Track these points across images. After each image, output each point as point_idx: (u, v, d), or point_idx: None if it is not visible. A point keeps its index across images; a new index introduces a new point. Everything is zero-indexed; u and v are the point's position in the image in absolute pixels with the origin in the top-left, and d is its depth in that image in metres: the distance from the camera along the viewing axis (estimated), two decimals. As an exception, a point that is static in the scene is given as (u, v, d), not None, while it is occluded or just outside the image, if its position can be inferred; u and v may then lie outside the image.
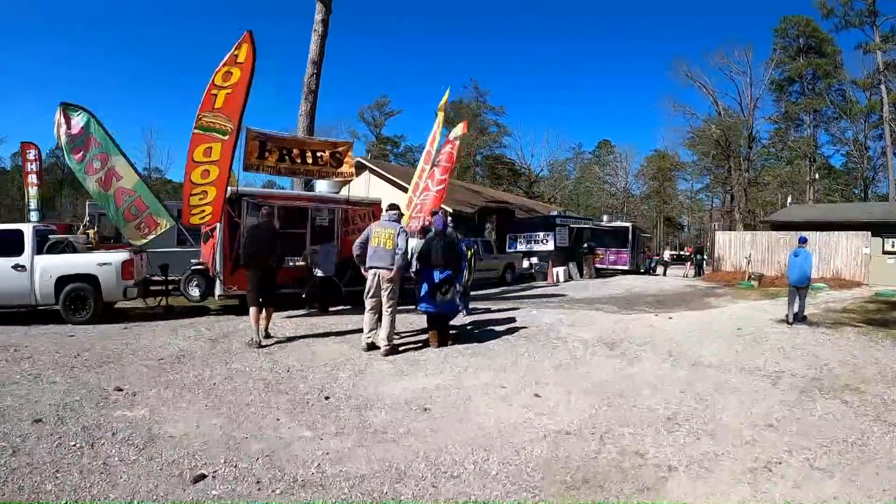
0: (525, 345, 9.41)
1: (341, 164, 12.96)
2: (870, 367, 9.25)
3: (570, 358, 8.76)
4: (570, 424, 5.66)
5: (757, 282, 24.10)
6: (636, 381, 7.53)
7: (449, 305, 8.95)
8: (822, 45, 58.58)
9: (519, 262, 25.03)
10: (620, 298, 18.01)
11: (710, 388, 7.34)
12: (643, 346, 9.79)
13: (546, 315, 12.90)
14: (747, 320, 13.40)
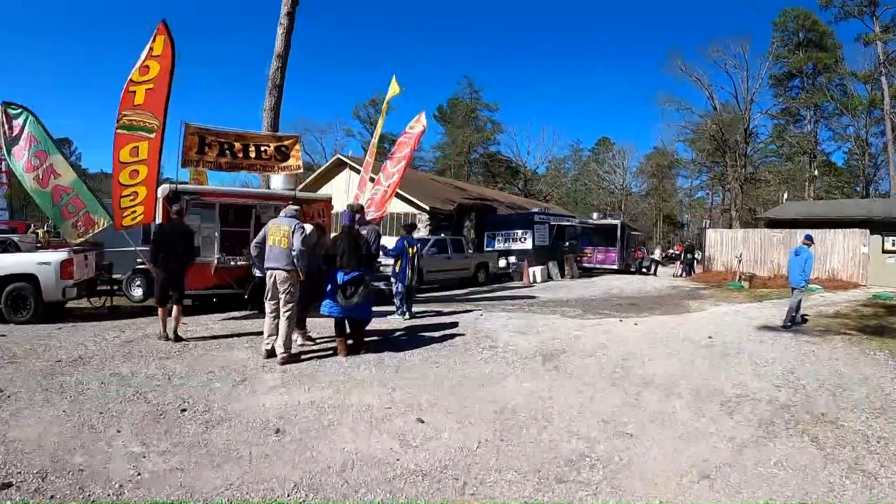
0: (448, 356, 8.40)
1: (287, 158, 12.58)
2: (856, 389, 7.66)
3: (491, 373, 7.57)
4: (435, 463, 4.61)
5: (748, 282, 22.44)
6: (556, 406, 6.26)
7: (357, 309, 8.05)
8: (822, 38, 57.15)
9: (494, 260, 23.86)
10: (592, 301, 16.99)
11: (645, 419, 5.95)
12: (587, 360, 8.59)
13: (495, 320, 11.89)
14: (724, 327, 12.06)
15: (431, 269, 19.30)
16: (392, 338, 9.73)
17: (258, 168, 12.67)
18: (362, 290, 7.91)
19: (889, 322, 13.35)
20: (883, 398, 7.24)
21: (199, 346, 8.61)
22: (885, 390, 7.64)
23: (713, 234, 28.07)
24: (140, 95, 9.93)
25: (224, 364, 7.45)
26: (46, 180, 11.15)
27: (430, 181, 41.82)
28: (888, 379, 8.22)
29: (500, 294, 18.50)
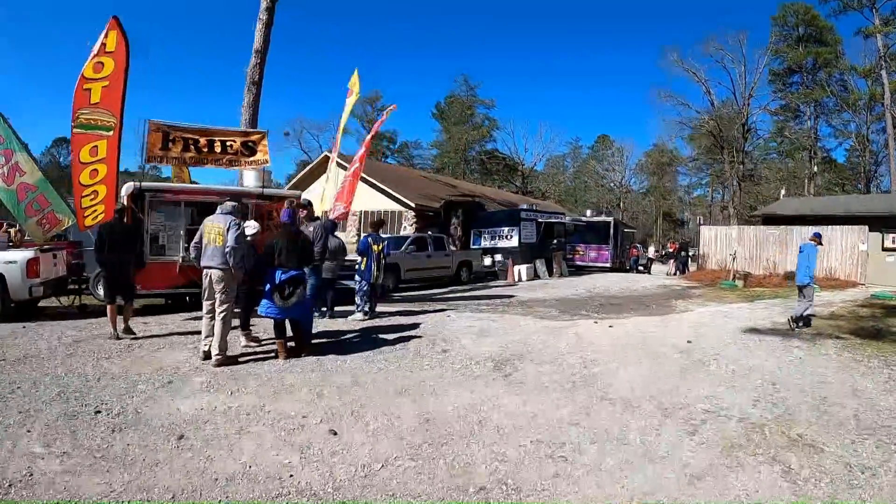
0: (395, 361, 7.79)
1: (255, 153, 12.64)
2: (844, 403, 6.73)
3: (434, 381, 6.88)
4: (329, 482, 4.13)
5: (742, 281, 21.48)
6: (491, 420, 5.57)
7: (295, 310, 7.70)
8: (822, 33, 55.96)
9: (477, 258, 22.83)
10: (574, 300, 16.12)
11: (587, 439, 5.18)
12: (545, 366, 7.84)
13: (461, 321, 11.26)
14: (708, 329, 11.24)
15: (410, 268, 18.81)
16: (344, 339, 9.21)
17: (224, 163, 12.53)
18: (300, 290, 7.60)
19: (887, 324, 12.42)
20: (874, 415, 6.31)
21: (147, 345, 8.33)
22: (877, 406, 6.69)
23: (707, 232, 27.09)
24: (96, 93, 9.91)
25: (161, 365, 7.13)
26: (12, 178, 11.16)
27: (421, 178, 41.06)
28: (882, 391, 7.28)
29: (480, 293, 17.68)
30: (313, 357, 7.66)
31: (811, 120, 58.69)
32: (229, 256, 7.18)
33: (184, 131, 11.93)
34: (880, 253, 21.77)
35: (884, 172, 52.53)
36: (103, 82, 9.90)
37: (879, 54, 46.17)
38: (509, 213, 26.81)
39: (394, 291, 17.74)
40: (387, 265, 16.25)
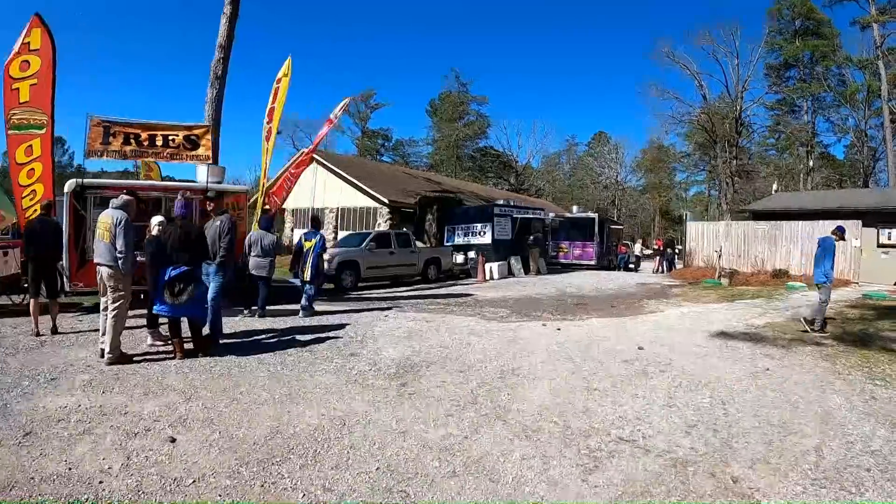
0: (293, 365, 7.18)
1: (197, 147, 12.54)
2: (806, 431, 5.38)
3: (320, 388, 6.23)
4: (131, 493, 3.73)
5: (728, 279, 20.05)
6: (344, 439, 4.81)
7: (187, 309, 7.35)
8: (819, 26, 54.50)
9: (447, 256, 21.90)
10: (536, 300, 15.02)
11: (449, 471, 4.23)
12: (453, 376, 6.90)
13: (395, 322, 10.64)
14: (670, 334, 10.13)
15: (371, 266, 18.10)
16: (258, 340, 8.73)
17: (165, 157, 12.48)
18: (192, 287, 7.24)
19: (877, 328, 11.02)
20: (842, 449, 4.93)
21: (61, 341, 8.19)
22: (849, 435, 5.29)
23: (694, 228, 25.67)
24: (25, 92, 10.25)
25: (58, 362, 6.90)
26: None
27: (404, 175, 39.89)
28: (858, 414, 5.88)
29: (441, 292, 16.69)
30: (210, 357, 7.27)
31: (808, 114, 57.32)
32: (120, 263, 6.93)
33: (125, 126, 11.83)
34: (875, 249, 20.25)
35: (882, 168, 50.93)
36: (31, 80, 10.21)
37: (876, 44, 44.57)
38: (482, 209, 25.45)
39: (352, 290, 16.96)
40: (346, 262, 16.36)
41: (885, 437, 5.21)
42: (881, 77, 43.89)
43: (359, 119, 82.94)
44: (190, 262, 7.27)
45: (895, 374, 7.46)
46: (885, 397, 6.48)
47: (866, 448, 4.95)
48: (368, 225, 29.87)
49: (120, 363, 6.84)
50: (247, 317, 10.39)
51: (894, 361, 8.20)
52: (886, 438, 5.17)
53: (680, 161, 69.50)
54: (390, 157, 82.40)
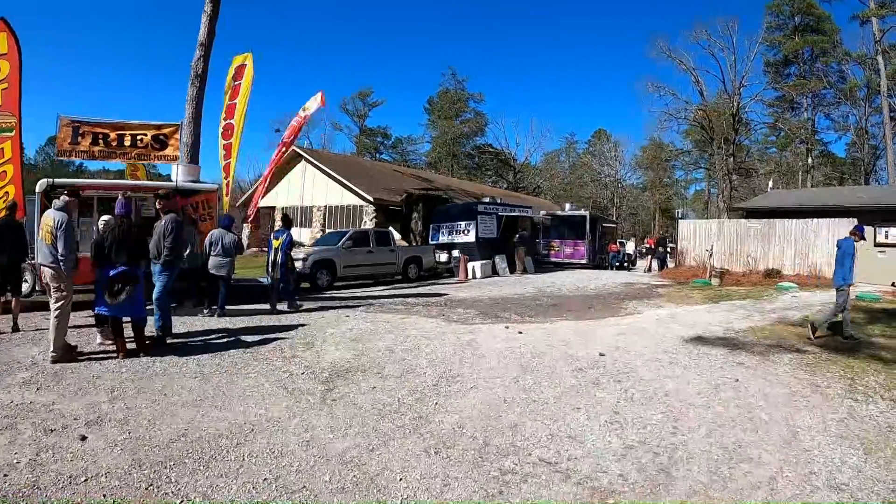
0: (228, 367, 6.97)
1: (166, 147, 12.83)
2: (763, 458, 4.63)
3: (243, 391, 6.00)
4: (28, 486, 3.76)
5: (719, 279, 19.23)
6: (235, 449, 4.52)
7: (127, 308, 7.28)
8: (819, 22, 53.37)
9: (429, 254, 21.24)
10: (508, 300, 14.30)
11: (336, 487, 3.95)
12: (388, 381, 6.57)
13: (351, 323, 10.23)
14: (640, 338, 9.37)
15: (347, 265, 17.68)
16: (204, 340, 8.51)
17: (133, 157, 12.71)
18: (131, 287, 7.17)
19: (867, 334, 10.26)
20: (802, 482, 4.20)
21: (22, 339, 8.14)
22: (814, 463, 4.55)
23: (686, 226, 24.80)
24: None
25: (7, 359, 6.90)
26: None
27: (394, 172, 39.05)
28: (831, 438, 5.13)
29: (415, 292, 16.07)
30: (152, 357, 7.17)
31: (808, 112, 56.22)
32: (62, 264, 6.93)
33: (94, 126, 12.14)
34: (872, 249, 19.33)
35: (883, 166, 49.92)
36: (3, 85, 10.40)
37: (875, 39, 43.60)
38: (466, 207, 24.48)
39: (328, 289, 16.45)
40: (322, 261, 16.14)
41: (855, 466, 4.45)
42: (880, 72, 42.88)
43: (357, 117, 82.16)
44: (129, 262, 7.16)
45: (881, 387, 6.71)
46: (864, 415, 5.70)
47: (830, 481, 4.21)
48: (355, 223, 29.21)
49: (64, 361, 6.81)
50: (205, 316, 10.18)
51: (881, 372, 7.44)
52: (857, 469, 4.41)
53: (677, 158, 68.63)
54: (390, 155, 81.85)
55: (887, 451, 4.82)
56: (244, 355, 7.45)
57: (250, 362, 7.10)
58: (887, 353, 8.67)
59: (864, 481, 4.24)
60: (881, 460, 4.62)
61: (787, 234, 20.63)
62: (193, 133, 16.54)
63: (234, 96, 14.28)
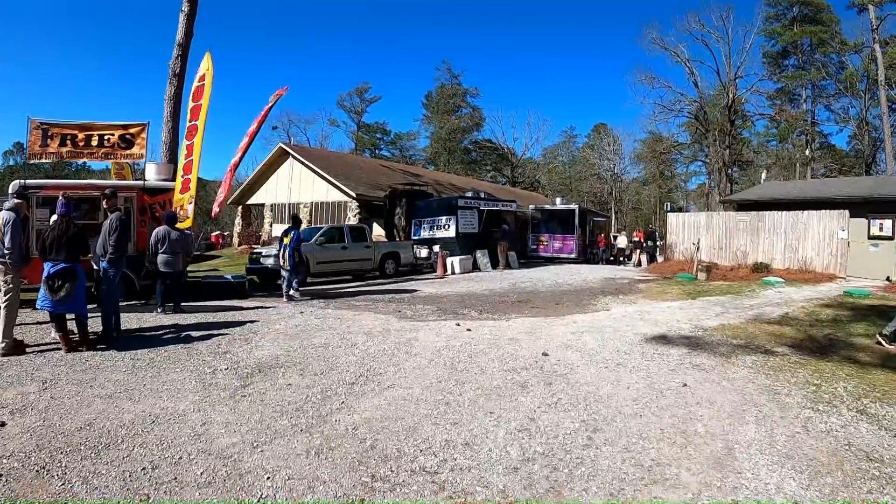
0: (161, 362, 6.94)
1: (132, 146, 12.82)
2: (680, 479, 3.97)
3: (159, 387, 5.91)
4: None
5: (706, 273, 18.46)
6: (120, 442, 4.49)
7: (68, 304, 7.37)
8: (817, 13, 52.52)
9: (406, 250, 20.95)
10: (480, 296, 13.88)
11: (193, 480, 3.92)
12: (307, 379, 6.36)
13: (297, 319, 10.03)
14: (598, 336, 8.74)
15: (322, 261, 17.52)
16: (151, 335, 8.52)
17: (99, 156, 12.79)
18: (70, 284, 7.30)
19: (847, 333, 9.44)
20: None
21: None
22: (742, 488, 3.90)
23: (675, 219, 23.98)
24: None
25: None
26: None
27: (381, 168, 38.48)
28: (772, 454, 4.45)
29: (386, 288, 15.88)
30: (94, 352, 7.31)
31: (808, 103, 55.29)
32: (8, 259, 7.20)
33: (63, 127, 12.22)
34: (865, 241, 18.55)
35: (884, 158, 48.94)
36: None
37: (872, 27, 42.57)
38: (446, 202, 23.88)
39: (301, 285, 15.54)
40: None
41: (792, 494, 3.73)
42: (878, 61, 41.95)
43: (354, 113, 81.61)
44: (67, 260, 7.32)
45: (848, 395, 5.95)
46: (822, 430, 4.95)
47: None
48: (340, 219, 28.79)
49: (12, 354, 7.02)
50: (160, 313, 10.18)
51: (854, 377, 6.67)
52: (793, 497, 3.70)
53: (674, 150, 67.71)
54: (389, 151, 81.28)
55: (838, 474, 4.07)
56: (180, 350, 7.46)
57: (182, 357, 7.09)
58: (866, 355, 7.88)
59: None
60: (826, 487, 3.88)
61: (776, 226, 19.83)
62: (172, 132, 16.62)
63: (197, 97, 14.01)
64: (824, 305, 12.29)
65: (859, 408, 5.58)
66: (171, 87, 17.00)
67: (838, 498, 3.74)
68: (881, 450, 4.53)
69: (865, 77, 47.80)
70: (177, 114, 17.10)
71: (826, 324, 10.23)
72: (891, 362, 7.46)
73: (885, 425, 5.07)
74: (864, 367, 7.24)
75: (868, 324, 10.03)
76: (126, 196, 12.18)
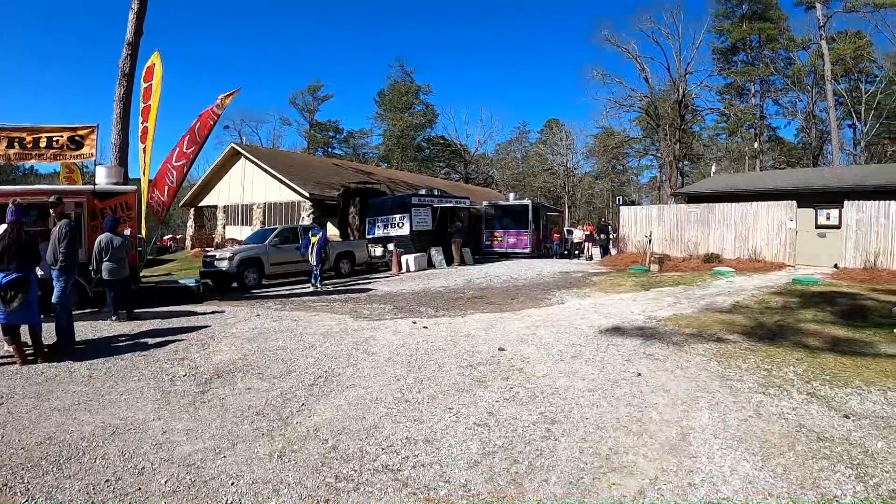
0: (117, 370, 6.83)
1: (81, 147, 12.65)
2: (637, 465, 4.02)
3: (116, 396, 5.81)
4: None
5: (658, 265, 18.65)
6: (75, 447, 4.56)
7: (21, 316, 7.15)
8: (766, 10, 54.00)
9: (361, 249, 20.98)
10: (432, 294, 13.78)
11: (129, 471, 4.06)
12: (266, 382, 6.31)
13: (254, 322, 9.99)
14: (553, 330, 8.82)
15: (276, 262, 17.30)
16: (106, 344, 8.25)
17: (48, 157, 12.70)
18: (23, 294, 7.09)
19: (797, 318, 9.65)
20: (675, 497, 3.57)
21: None
22: (697, 472, 3.94)
23: (628, 212, 24.22)
24: None
25: None
26: None
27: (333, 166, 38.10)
28: (725, 438, 4.52)
29: (342, 287, 15.81)
30: (49, 363, 7.07)
31: (757, 98, 56.53)
32: None
33: (11, 130, 12.16)
34: (813, 231, 18.97)
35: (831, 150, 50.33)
36: None
37: (819, 24, 43.93)
38: (400, 200, 23.86)
39: (256, 288, 16.06)
40: (248, 259, 16.19)
41: (746, 476, 3.83)
42: (824, 57, 43.15)
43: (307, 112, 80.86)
44: (20, 269, 7.12)
45: (799, 379, 6.08)
46: (774, 413, 5.02)
47: (711, 494, 3.58)
48: (293, 219, 28.40)
49: None
50: (114, 321, 9.94)
51: (804, 361, 6.81)
52: (747, 479, 3.80)
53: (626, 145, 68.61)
54: (342, 149, 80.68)
55: (790, 455, 4.12)
56: (136, 358, 7.31)
57: (139, 365, 6.95)
58: (815, 339, 8.06)
59: (753, 494, 3.60)
60: (780, 467, 3.93)
61: (726, 218, 20.18)
62: (122, 133, 16.08)
63: (146, 98, 13.99)
64: (774, 293, 12.51)
65: (809, 391, 5.67)
66: (121, 88, 16.58)
67: (791, 477, 3.77)
68: (831, 430, 4.60)
69: (812, 72, 49.22)
70: (127, 115, 16.72)
71: (776, 311, 10.41)
72: (839, 346, 7.60)
73: (834, 406, 5.16)
74: (814, 351, 7.38)
75: (817, 310, 10.27)
76: (76, 201, 11.82)
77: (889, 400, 5.36)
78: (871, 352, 7.31)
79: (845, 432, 4.57)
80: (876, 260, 16.72)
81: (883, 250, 16.69)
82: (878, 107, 44.10)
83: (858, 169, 27.24)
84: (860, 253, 17.15)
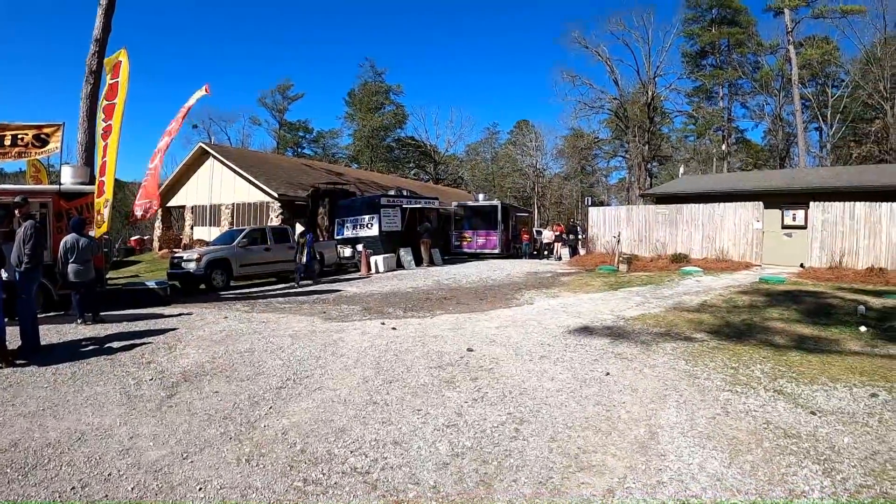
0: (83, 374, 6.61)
1: (47, 144, 12.52)
2: (605, 464, 4.00)
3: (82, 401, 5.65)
4: None
5: (627, 265, 18.72)
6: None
7: None
8: (736, 15, 54.94)
9: (330, 250, 20.95)
10: (401, 295, 13.72)
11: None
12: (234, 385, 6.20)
13: (222, 324, 9.80)
14: (522, 330, 8.82)
15: (245, 264, 16.98)
16: (72, 348, 8.04)
17: (13, 155, 12.58)
18: None
19: (763, 318, 9.71)
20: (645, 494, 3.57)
21: None
22: (666, 469, 3.95)
23: (596, 213, 24.33)
24: None
25: None
26: None
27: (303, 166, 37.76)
28: (693, 436, 4.50)
29: (311, 289, 15.61)
30: (13, 368, 6.91)
31: (725, 101, 57.45)
32: None
33: None
34: (780, 231, 19.22)
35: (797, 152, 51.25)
36: None
37: (787, 29, 44.66)
38: (369, 201, 23.76)
39: (224, 290, 15.79)
40: (216, 261, 15.91)
41: (714, 473, 3.81)
42: (792, 61, 43.88)
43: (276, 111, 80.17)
44: None
45: (765, 377, 6.10)
46: (741, 410, 5.01)
47: (680, 492, 3.55)
48: (262, 220, 28.02)
49: None
50: (79, 324, 9.70)
51: (770, 359, 6.84)
52: (715, 476, 3.79)
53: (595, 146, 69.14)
54: (311, 149, 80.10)
55: (758, 452, 4.11)
56: (102, 362, 7.12)
57: (105, 369, 6.77)
58: (781, 338, 8.12)
59: (721, 491, 3.58)
60: (747, 465, 3.91)
61: (694, 218, 20.38)
62: (89, 132, 15.69)
63: (111, 96, 13.40)
64: (741, 292, 12.61)
65: (776, 388, 5.69)
66: (88, 86, 16.32)
67: (759, 474, 3.76)
68: (798, 426, 4.60)
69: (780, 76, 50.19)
70: (94, 113, 16.07)
71: (742, 309, 10.49)
72: (805, 344, 7.65)
73: (801, 403, 5.17)
74: (780, 349, 7.43)
75: (783, 308, 10.36)
76: (42, 202, 11.57)
77: (855, 396, 5.39)
78: (837, 349, 7.38)
79: (812, 429, 4.58)
80: (841, 259, 16.97)
81: (848, 250, 16.94)
82: (844, 110, 45.00)
83: (824, 171, 27.72)
84: (826, 253, 17.39)
